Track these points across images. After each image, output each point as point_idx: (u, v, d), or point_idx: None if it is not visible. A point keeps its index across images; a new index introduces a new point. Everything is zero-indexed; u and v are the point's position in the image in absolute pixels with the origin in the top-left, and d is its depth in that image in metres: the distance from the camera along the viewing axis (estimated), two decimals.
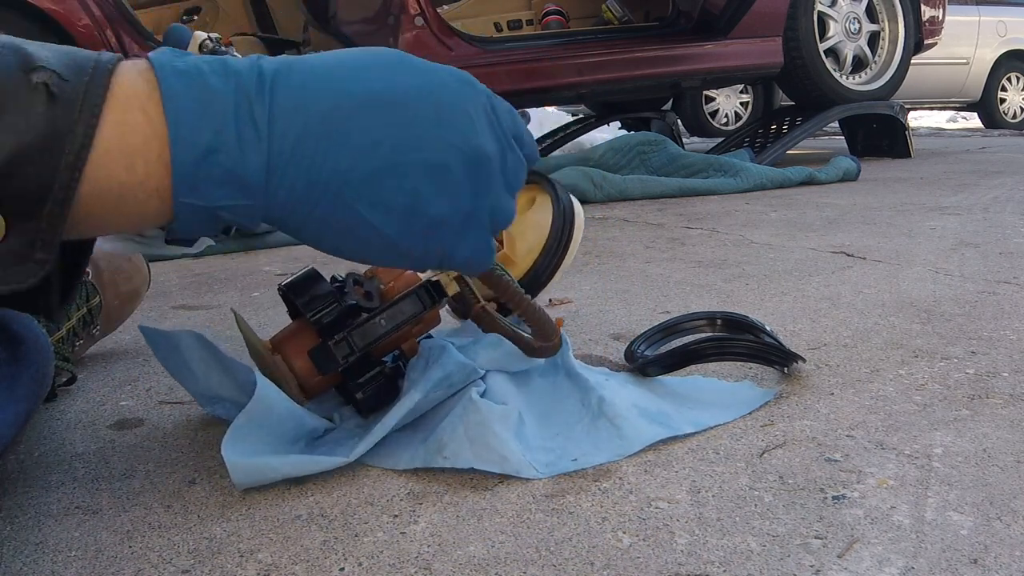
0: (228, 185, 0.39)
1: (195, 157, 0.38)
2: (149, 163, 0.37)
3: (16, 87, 0.35)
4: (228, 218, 0.40)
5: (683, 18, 2.80)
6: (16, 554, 0.48)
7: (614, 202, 2.17)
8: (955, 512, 0.48)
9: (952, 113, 7.78)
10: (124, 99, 0.37)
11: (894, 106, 3.16)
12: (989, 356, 0.76)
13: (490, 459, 0.54)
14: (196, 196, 0.38)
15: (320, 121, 0.40)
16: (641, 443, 0.56)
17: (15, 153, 0.34)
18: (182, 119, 0.37)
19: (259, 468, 0.54)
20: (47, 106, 0.35)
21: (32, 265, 0.36)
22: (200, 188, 0.38)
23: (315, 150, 0.40)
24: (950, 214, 1.72)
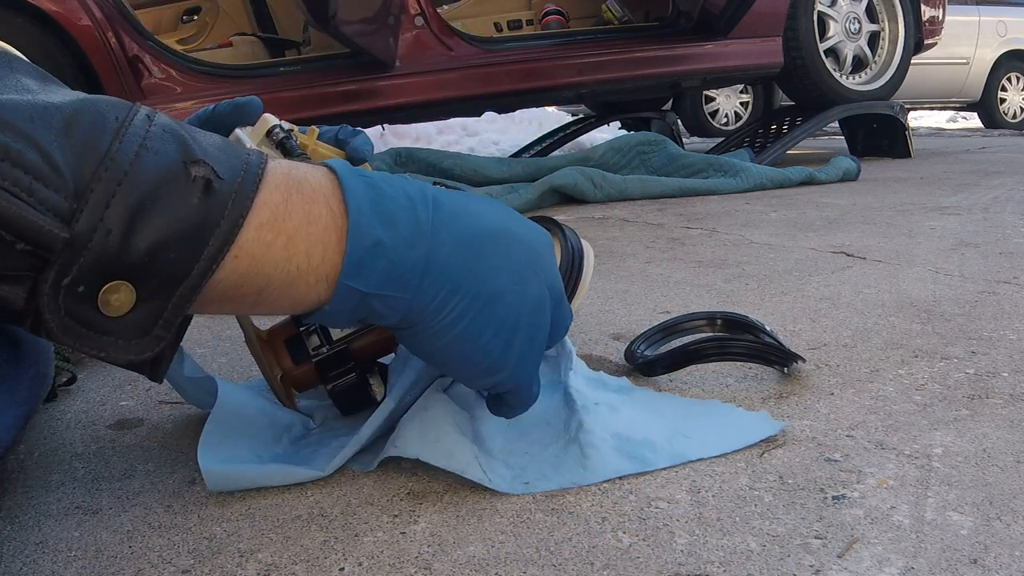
0: (388, 276, 0.43)
1: (366, 247, 0.42)
2: (328, 250, 0.41)
3: (176, 177, 0.37)
4: (376, 308, 0.43)
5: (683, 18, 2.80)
6: (16, 554, 0.48)
7: (614, 202, 2.17)
8: (955, 512, 0.48)
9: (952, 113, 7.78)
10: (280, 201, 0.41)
11: (894, 106, 3.16)
12: (989, 356, 0.76)
13: (436, 453, 0.53)
14: (359, 281, 0.42)
15: (470, 238, 0.46)
16: (603, 476, 0.55)
17: (165, 241, 0.36)
18: (362, 212, 0.42)
19: (234, 476, 0.54)
20: (202, 200, 0.38)
21: (151, 340, 0.39)
22: (364, 274, 0.42)
23: (463, 260, 0.45)
24: (950, 214, 1.72)
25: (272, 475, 0.55)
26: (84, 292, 0.36)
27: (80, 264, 0.35)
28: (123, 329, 0.37)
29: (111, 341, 0.38)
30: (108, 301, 0.36)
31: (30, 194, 0.33)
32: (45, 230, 0.34)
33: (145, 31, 2.18)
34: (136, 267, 0.36)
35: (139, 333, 0.38)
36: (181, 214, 0.37)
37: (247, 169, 0.40)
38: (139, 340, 0.38)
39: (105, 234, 0.35)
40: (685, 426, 0.62)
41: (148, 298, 0.37)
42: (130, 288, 0.37)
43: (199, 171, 0.37)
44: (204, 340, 0.91)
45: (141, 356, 0.38)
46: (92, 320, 0.37)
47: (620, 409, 0.64)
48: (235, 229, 0.38)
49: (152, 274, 0.37)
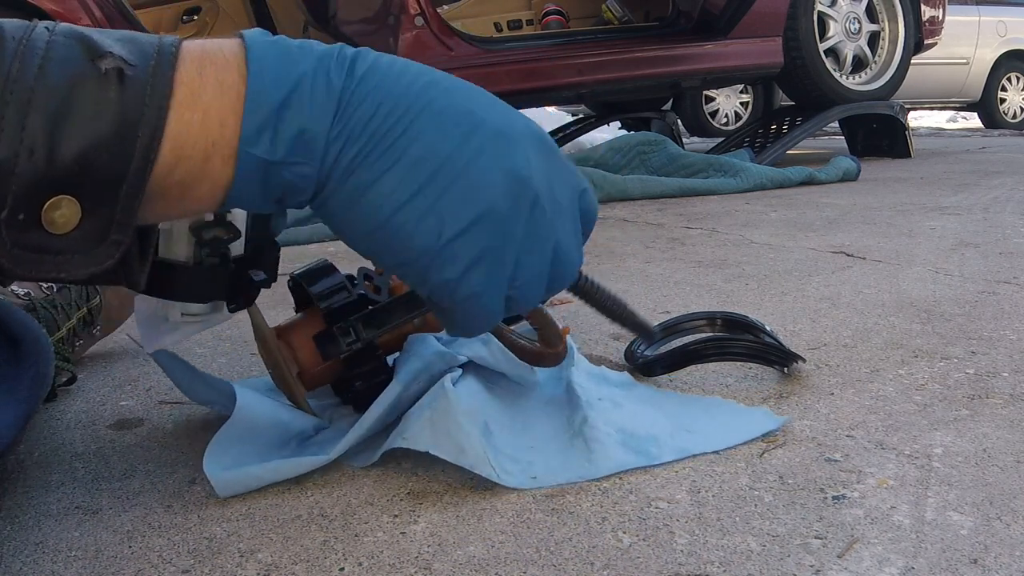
0: (295, 144, 0.39)
1: (267, 112, 0.38)
2: (226, 125, 0.38)
3: (86, 77, 0.35)
4: (287, 177, 0.39)
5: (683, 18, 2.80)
6: (16, 554, 0.48)
7: (614, 202, 2.17)
8: (955, 512, 0.48)
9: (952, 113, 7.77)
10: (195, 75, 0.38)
11: (894, 106, 3.16)
12: (989, 356, 0.76)
13: (447, 448, 0.53)
14: (261, 147, 0.38)
15: (386, 100, 0.40)
16: (608, 470, 0.55)
17: (91, 143, 0.35)
18: (264, 75, 0.38)
19: (241, 479, 0.54)
20: (117, 93, 0.36)
21: (109, 245, 0.37)
22: (266, 141, 0.38)
23: (372, 120, 0.40)
24: (950, 214, 1.72)
25: (278, 469, 0.55)
26: (25, 219, 0.35)
27: (13, 192, 0.34)
28: (77, 243, 0.36)
29: (68, 259, 0.37)
30: (53, 219, 0.35)
31: None
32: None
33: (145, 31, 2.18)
34: (71, 179, 0.35)
35: (95, 242, 0.37)
36: (101, 113, 0.35)
37: (160, 51, 0.38)
38: (97, 249, 0.37)
39: (28, 154, 0.34)
40: (687, 421, 0.62)
41: (94, 207, 0.36)
42: (72, 201, 0.36)
43: (108, 63, 0.36)
44: (204, 340, 0.91)
45: (104, 265, 0.37)
46: (43, 243, 0.36)
47: (623, 404, 0.64)
48: (161, 114, 0.37)
49: (89, 182, 0.36)
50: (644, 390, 0.70)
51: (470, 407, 0.58)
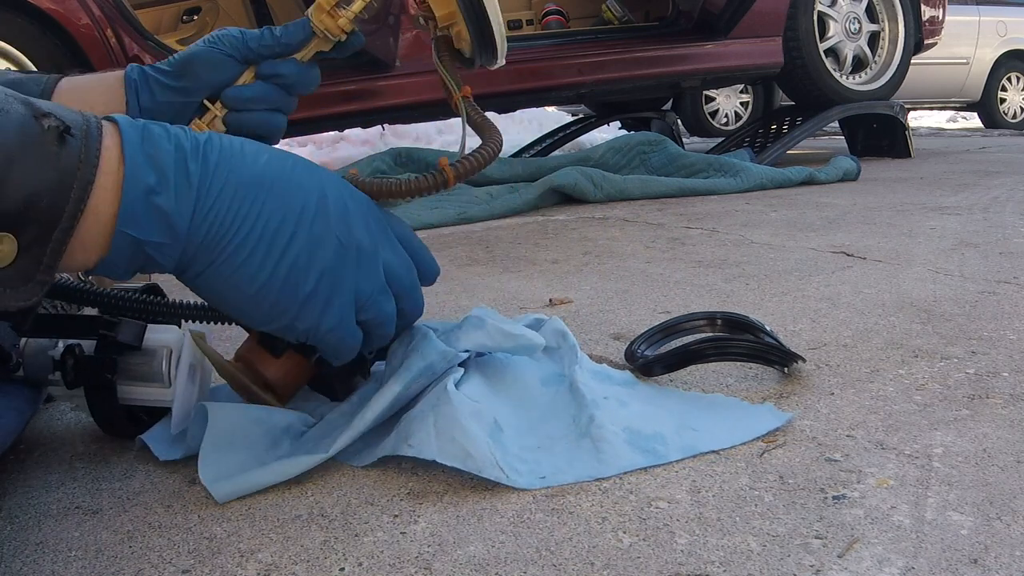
0: (160, 224, 0.45)
1: (140, 194, 0.44)
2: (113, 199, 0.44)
3: (32, 130, 0.40)
4: (151, 254, 0.46)
5: (683, 18, 2.80)
6: (16, 554, 0.48)
7: (614, 202, 2.17)
8: (955, 512, 0.48)
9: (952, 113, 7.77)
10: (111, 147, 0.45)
11: (894, 106, 3.16)
12: (989, 356, 0.76)
13: (454, 454, 0.53)
14: (134, 228, 0.45)
15: (239, 185, 0.49)
16: (618, 469, 0.55)
17: (35, 188, 0.40)
18: (137, 162, 0.45)
19: (240, 485, 0.54)
20: (58, 148, 0.41)
21: (36, 285, 0.42)
22: (138, 222, 0.45)
23: (232, 205, 0.48)
24: (950, 214, 1.72)
25: (277, 471, 0.55)
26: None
27: None
28: (9, 279, 0.40)
29: (2, 292, 0.40)
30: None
31: None
32: None
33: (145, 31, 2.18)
34: (14, 217, 0.39)
35: (24, 280, 0.41)
36: (45, 163, 0.40)
37: (87, 121, 0.44)
38: (24, 287, 0.41)
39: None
40: (692, 419, 0.62)
41: (28, 246, 0.40)
42: (11, 239, 0.40)
43: (50, 122, 0.41)
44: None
45: (29, 301, 0.41)
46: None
47: (628, 403, 0.64)
48: (92, 173, 0.42)
49: (29, 222, 0.40)
50: (647, 388, 0.70)
51: (476, 408, 0.57)
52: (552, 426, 0.61)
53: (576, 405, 0.63)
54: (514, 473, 0.54)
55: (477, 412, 0.57)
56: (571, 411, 0.62)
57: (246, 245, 0.49)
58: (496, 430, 0.57)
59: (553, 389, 0.66)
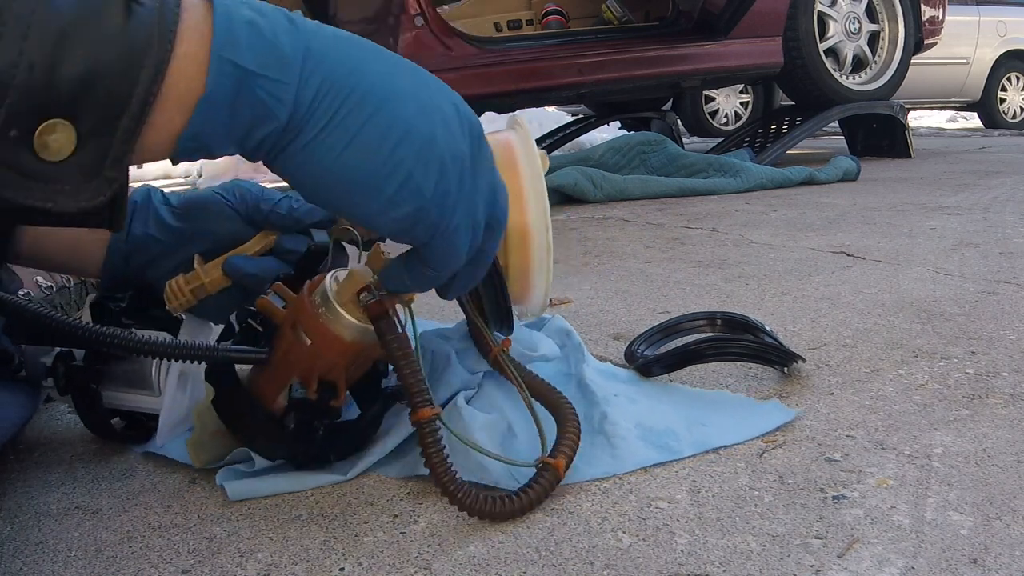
0: (267, 55, 0.38)
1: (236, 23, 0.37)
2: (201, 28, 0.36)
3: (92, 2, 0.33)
4: (260, 96, 0.38)
5: (683, 18, 2.80)
6: (16, 554, 0.48)
7: (614, 202, 2.17)
8: (955, 512, 0.48)
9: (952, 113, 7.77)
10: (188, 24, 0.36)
11: (894, 106, 3.16)
12: (989, 356, 0.76)
13: (470, 469, 0.53)
14: (235, 52, 0.37)
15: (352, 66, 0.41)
16: (634, 464, 0.55)
17: (94, 68, 0.33)
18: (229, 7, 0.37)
19: (255, 487, 0.54)
20: (123, 21, 0.34)
21: (102, 182, 0.35)
22: (239, 46, 0.37)
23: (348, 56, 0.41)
24: (950, 214, 1.72)
25: (293, 481, 0.55)
26: (17, 136, 0.33)
27: (8, 105, 0.32)
28: (69, 173, 0.34)
29: (58, 188, 0.34)
30: (46, 144, 0.33)
31: None
32: None
33: None
34: (70, 101, 0.33)
35: (88, 175, 0.35)
36: (106, 41, 0.34)
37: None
38: (88, 183, 0.35)
39: (28, 68, 0.32)
40: (701, 415, 0.63)
41: (90, 136, 0.34)
42: (68, 126, 0.34)
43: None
44: None
45: (94, 201, 0.35)
46: (32, 168, 0.34)
47: (638, 400, 0.65)
48: (165, 54, 0.35)
49: (88, 108, 0.34)
50: (653, 386, 0.70)
51: (487, 420, 0.57)
52: None
53: (586, 403, 0.63)
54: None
55: (489, 424, 0.57)
56: (582, 409, 0.63)
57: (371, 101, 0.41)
58: (510, 437, 0.58)
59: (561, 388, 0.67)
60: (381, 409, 0.58)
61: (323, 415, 0.53)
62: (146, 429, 0.62)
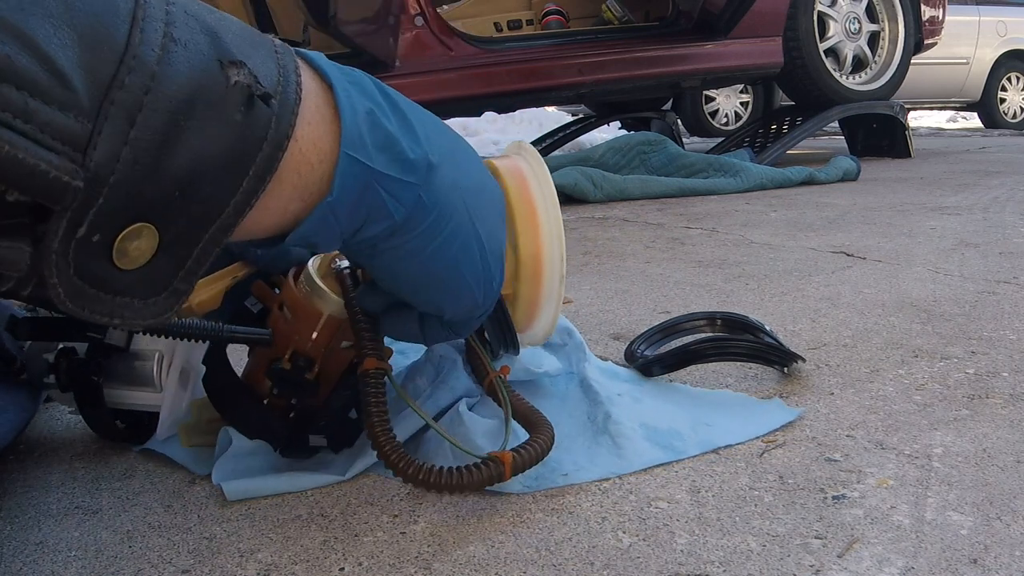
0: (388, 152, 0.35)
1: (360, 117, 0.34)
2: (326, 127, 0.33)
3: (214, 84, 0.28)
4: (383, 197, 0.35)
5: (683, 18, 2.80)
6: (16, 554, 0.48)
7: (614, 202, 2.17)
8: (955, 512, 0.48)
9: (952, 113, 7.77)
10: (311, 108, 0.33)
11: (894, 106, 3.16)
12: (989, 356, 0.76)
13: None
14: (361, 151, 0.34)
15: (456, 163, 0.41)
16: (640, 464, 0.55)
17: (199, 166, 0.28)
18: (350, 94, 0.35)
19: (252, 487, 0.54)
20: (242, 116, 0.29)
21: (170, 296, 0.30)
22: (366, 144, 0.34)
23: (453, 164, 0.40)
24: (950, 214, 1.72)
25: (290, 482, 0.55)
26: (100, 241, 0.27)
27: (99, 207, 0.26)
28: (137, 285, 0.29)
29: (126, 303, 0.29)
30: (126, 250, 0.28)
31: (26, 119, 0.23)
32: (51, 177, 0.24)
33: None
34: (163, 205, 0.28)
35: (156, 289, 0.30)
36: (219, 135, 0.28)
37: (283, 75, 0.31)
38: (156, 298, 0.30)
39: (131, 164, 0.26)
40: (705, 415, 0.63)
41: (172, 243, 0.29)
42: (153, 232, 0.28)
43: (238, 75, 0.28)
44: None
45: (161, 317, 0.30)
46: (104, 277, 0.28)
47: (642, 399, 0.65)
48: (278, 153, 0.30)
49: (181, 213, 0.28)
50: (655, 386, 0.70)
51: (488, 427, 0.57)
52: (568, 425, 0.61)
53: (589, 402, 0.63)
54: (534, 479, 0.54)
55: (490, 430, 0.57)
56: (585, 408, 0.63)
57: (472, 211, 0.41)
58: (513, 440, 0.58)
59: (562, 389, 0.67)
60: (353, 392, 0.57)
61: (298, 389, 0.54)
62: (147, 430, 0.62)
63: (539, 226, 0.58)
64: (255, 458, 0.56)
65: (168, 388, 0.59)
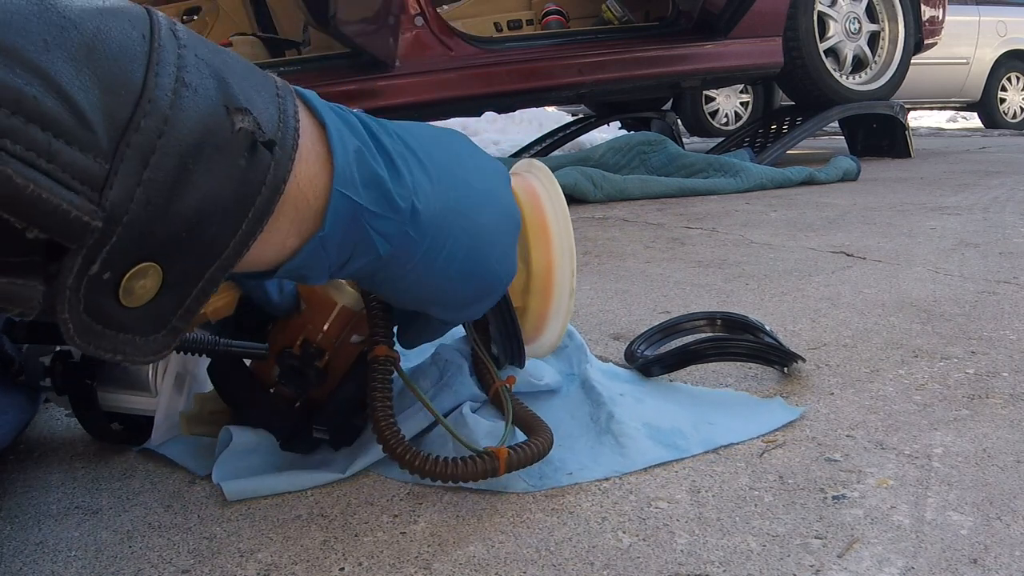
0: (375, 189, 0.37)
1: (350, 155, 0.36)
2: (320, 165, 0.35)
3: (220, 129, 0.29)
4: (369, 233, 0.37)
5: (683, 18, 2.80)
6: (16, 554, 0.48)
7: (614, 202, 2.17)
8: (955, 512, 0.48)
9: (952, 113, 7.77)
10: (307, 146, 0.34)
11: (894, 106, 3.16)
12: (989, 356, 0.76)
13: None
14: (351, 189, 0.35)
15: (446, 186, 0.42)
16: (643, 463, 0.55)
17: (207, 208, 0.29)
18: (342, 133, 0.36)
19: (252, 486, 0.54)
20: (246, 160, 0.30)
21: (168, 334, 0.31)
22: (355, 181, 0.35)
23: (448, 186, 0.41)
24: (950, 214, 1.72)
25: (290, 481, 0.55)
26: (109, 279, 0.28)
27: (112, 246, 0.27)
28: (139, 323, 0.30)
29: (128, 339, 0.30)
30: (132, 289, 0.29)
31: (50, 159, 0.24)
32: (72, 216, 0.25)
33: None
34: (170, 244, 0.29)
35: (155, 326, 0.31)
36: (225, 177, 0.29)
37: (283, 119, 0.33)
38: (155, 335, 0.31)
39: (144, 204, 0.27)
40: (706, 414, 0.63)
41: (174, 282, 0.30)
42: (158, 271, 0.29)
43: (243, 122, 0.30)
44: None
45: (160, 354, 0.31)
46: (109, 314, 0.29)
47: (644, 399, 0.65)
48: (275, 196, 0.31)
49: (185, 253, 0.29)
50: (656, 386, 0.70)
51: (491, 428, 0.57)
52: (570, 425, 0.61)
53: (591, 403, 0.63)
54: (538, 479, 0.54)
55: (493, 432, 0.57)
56: (587, 409, 0.63)
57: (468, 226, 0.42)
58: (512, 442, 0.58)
59: (564, 390, 0.67)
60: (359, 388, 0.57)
61: (305, 380, 0.54)
62: (144, 433, 0.62)
63: (551, 241, 0.59)
64: (255, 456, 0.56)
65: (163, 392, 0.59)
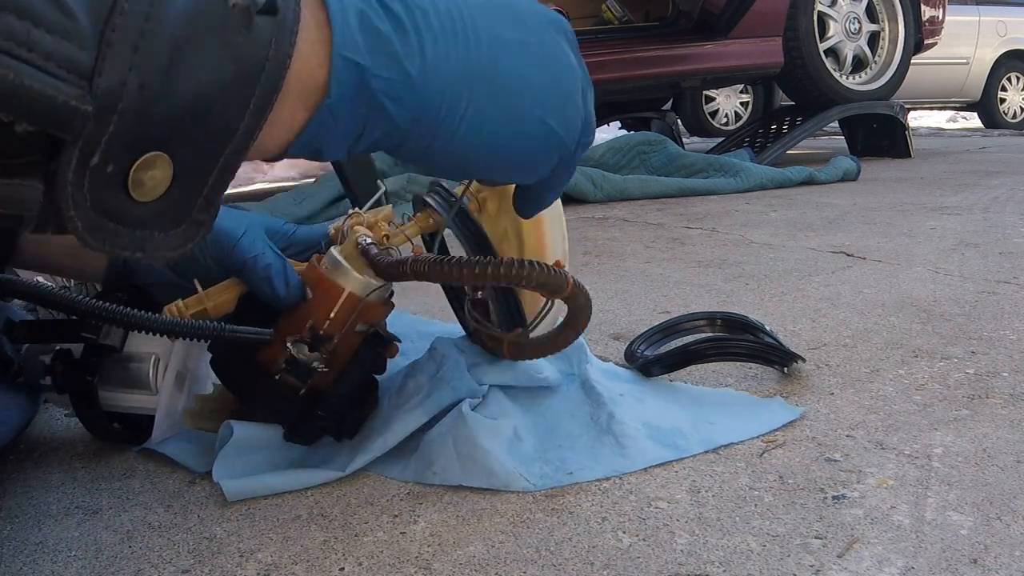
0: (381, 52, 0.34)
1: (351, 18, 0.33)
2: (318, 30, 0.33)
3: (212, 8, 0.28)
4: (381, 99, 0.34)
5: (683, 18, 2.80)
6: (16, 554, 0.48)
7: (614, 202, 2.17)
8: (955, 512, 0.48)
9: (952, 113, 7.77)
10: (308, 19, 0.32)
11: (894, 106, 3.16)
12: (989, 356, 0.76)
13: (478, 474, 0.54)
14: (353, 51, 0.33)
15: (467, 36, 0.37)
16: (643, 463, 0.56)
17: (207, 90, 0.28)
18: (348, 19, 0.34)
19: (252, 485, 0.54)
20: (243, 37, 0.29)
21: (191, 227, 0.30)
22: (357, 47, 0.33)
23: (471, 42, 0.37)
24: (950, 214, 1.72)
25: (290, 479, 0.55)
26: (114, 172, 0.27)
27: (110, 135, 0.26)
28: (156, 218, 0.29)
29: (147, 236, 0.29)
30: (141, 181, 0.28)
31: (31, 48, 0.24)
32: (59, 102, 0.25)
33: None
34: (174, 131, 0.28)
35: (175, 220, 0.30)
36: (222, 58, 0.28)
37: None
38: (175, 230, 0.30)
39: (138, 90, 0.26)
40: (706, 414, 0.63)
41: (186, 172, 0.29)
42: (167, 160, 0.28)
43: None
44: None
45: (181, 250, 0.30)
46: (123, 210, 0.28)
47: (644, 399, 0.65)
48: (282, 71, 0.30)
49: (192, 139, 0.28)
50: (656, 385, 0.70)
51: (492, 426, 0.58)
52: (571, 425, 0.61)
53: (591, 403, 0.63)
54: (539, 478, 0.54)
55: (494, 429, 0.57)
56: (587, 408, 0.63)
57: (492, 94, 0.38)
58: (515, 441, 0.58)
59: (564, 390, 0.67)
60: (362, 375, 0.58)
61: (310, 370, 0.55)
62: (144, 432, 0.62)
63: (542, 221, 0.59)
64: (255, 454, 0.56)
65: (163, 391, 0.59)
